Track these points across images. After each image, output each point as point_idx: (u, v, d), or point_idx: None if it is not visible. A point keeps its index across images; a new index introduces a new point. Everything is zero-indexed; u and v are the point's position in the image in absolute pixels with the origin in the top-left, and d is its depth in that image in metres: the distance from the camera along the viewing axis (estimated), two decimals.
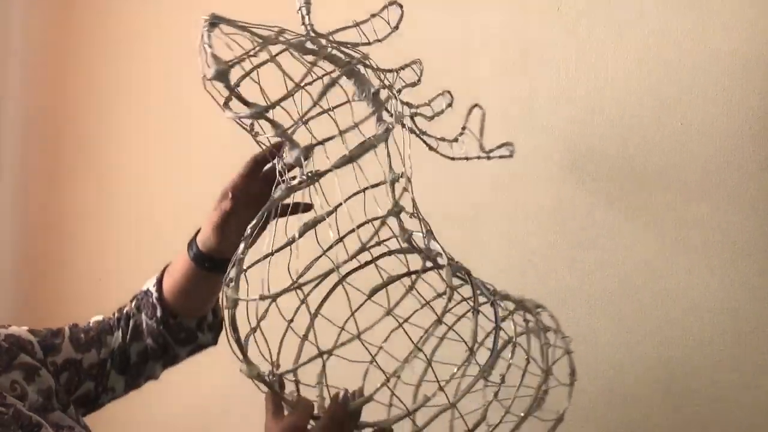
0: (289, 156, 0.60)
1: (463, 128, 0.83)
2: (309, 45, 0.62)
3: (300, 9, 0.66)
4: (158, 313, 0.85)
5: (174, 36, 1.52)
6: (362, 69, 0.67)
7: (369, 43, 0.69)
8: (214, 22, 0.51)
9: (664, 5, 1.01)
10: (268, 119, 0.54)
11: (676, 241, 0.98)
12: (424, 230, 0.71)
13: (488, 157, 0.85)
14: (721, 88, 0.96)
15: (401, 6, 0.74)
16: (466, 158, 0.84)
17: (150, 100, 1.58)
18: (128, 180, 1.61)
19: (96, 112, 1.64)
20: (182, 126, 1.52)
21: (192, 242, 0.83)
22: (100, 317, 0.87)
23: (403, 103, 0.74)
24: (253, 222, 0.64)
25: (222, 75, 0.49)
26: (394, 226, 0.68)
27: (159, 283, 0.86)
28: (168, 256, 0.92)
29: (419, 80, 0.76)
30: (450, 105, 0.79)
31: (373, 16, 0.70)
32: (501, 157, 0.88)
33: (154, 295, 0.85)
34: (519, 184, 1.08)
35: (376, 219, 0.65)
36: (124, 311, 0.87)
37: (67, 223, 1.68)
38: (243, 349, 0.61)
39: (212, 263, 0.81)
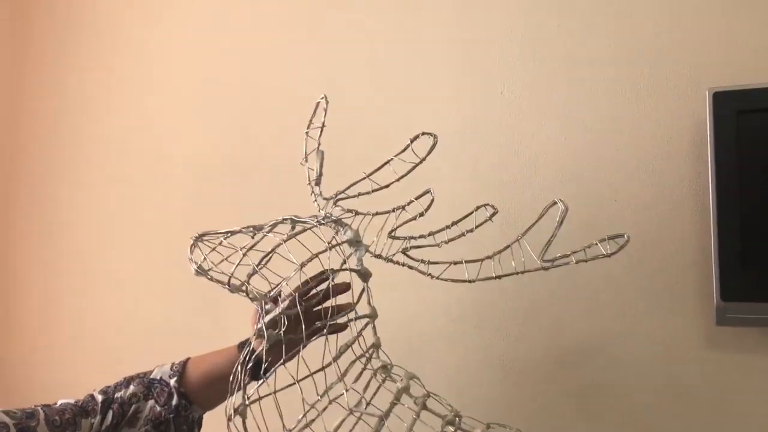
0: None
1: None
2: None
3: (310, 183, 0.92)
4: (174, 402, 0.90)
5: (121, 108, 1.66)
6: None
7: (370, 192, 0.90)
8: (198, 238, 0.79)
9: (602, 95, 1.14)
10: (237, 290, 0.77)
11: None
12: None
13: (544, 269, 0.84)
14: (651, 170, 1.08)
15: (434, 136, 0.86)
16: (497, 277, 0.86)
17: (93, 172, 1.68)
18: (70, 258, 1.68)
19: (36, 185, 1.76)
20: (125, 202, 1.63)
21: (248, 341, 0.87)
22: (69, 400, 0.89)
23: (395, 238, 0.87)
24: (239, 363, 0.77)
25: (200, 273, 0.76)
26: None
27: (180, 374, 0.92)
28: (103, 336, 0.93)
29: (423, 213, 0.87)
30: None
31: (404, 149, 0.87)
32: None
33: (172, 384, 0.91)
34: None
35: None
36: (116, 396, 0.90)
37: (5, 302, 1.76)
38: None
39: (259, 367, 0.85)
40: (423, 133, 0.87)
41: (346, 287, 0.89)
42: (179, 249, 1.45)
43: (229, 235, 0.81)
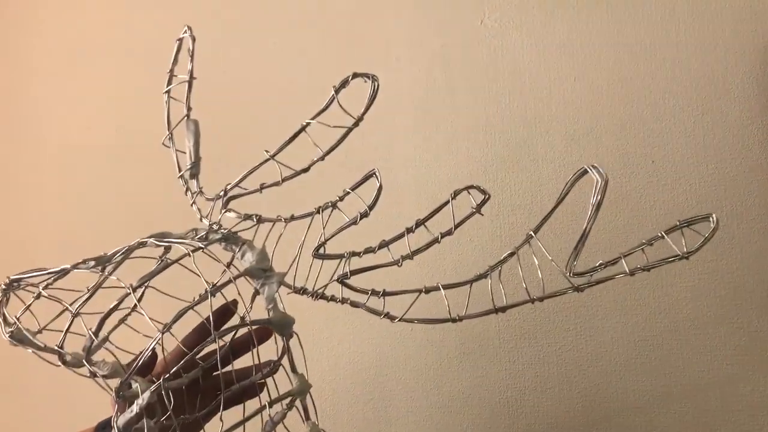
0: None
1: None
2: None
3: (181, 174, 0.59)
4: None
5: None
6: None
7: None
8: (10, 285, 0.51)
9: (625, 15, 0.80)
10: (75, 367, 0.48)
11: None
12: None
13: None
14: (702, 115, 0.76)
15: (373, 79, 0.52)
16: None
17: None
18: None
19: None
20: None
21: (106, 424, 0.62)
22: None
23: (324, 257, 0.54)
24: None
25: (16, 341, 0.49)
26: None
27: None
28: None
29: (368, 211, 0.52)
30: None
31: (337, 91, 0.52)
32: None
33: None
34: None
35: None
36: None
37: None
38: None
39: None
40: (355, 76, 0.51)
41: (264, 334, 0.58)
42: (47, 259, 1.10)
43: (54, 276, 0.51)
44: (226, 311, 0.57)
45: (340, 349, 0.90)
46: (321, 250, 0.52)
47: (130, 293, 0.45)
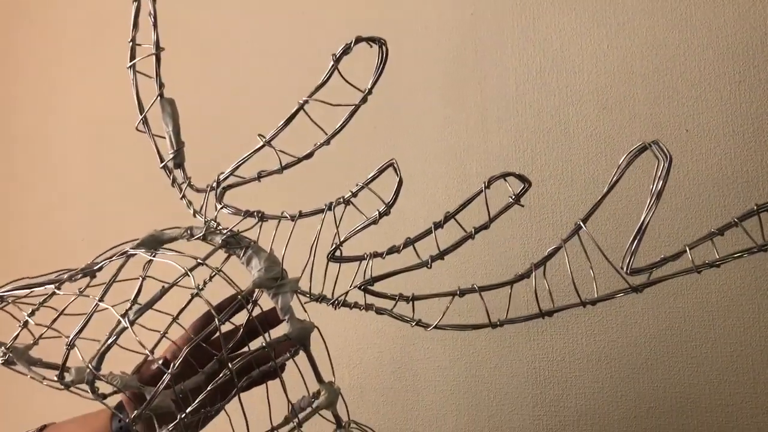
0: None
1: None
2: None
3: (164, 164, 0.52)
4: None
5: None
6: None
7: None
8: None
9: None
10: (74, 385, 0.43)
11: None
12: None
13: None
14: (739, 81, 0.71)
15: (381, 43, 0.45)
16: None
17: None
18: None
19: None
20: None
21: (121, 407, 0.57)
22: None
23: (342, 260, 0.48)
24: None
25: (9, 363, 0.45)
26: None
27: None
28: None
29: (389, 209, 0.45)
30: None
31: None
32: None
33: None
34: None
35: None
36: None
37: None
38: None
39: None
40: (358, 41, 0.43)
41: (273, 318, 0.50)
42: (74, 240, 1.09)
43: (41, 297, 0.47)
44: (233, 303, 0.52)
45: (366, 318, 0.87)
46: (337, 252, 0.47)
47: (127, 327, 0.40)
